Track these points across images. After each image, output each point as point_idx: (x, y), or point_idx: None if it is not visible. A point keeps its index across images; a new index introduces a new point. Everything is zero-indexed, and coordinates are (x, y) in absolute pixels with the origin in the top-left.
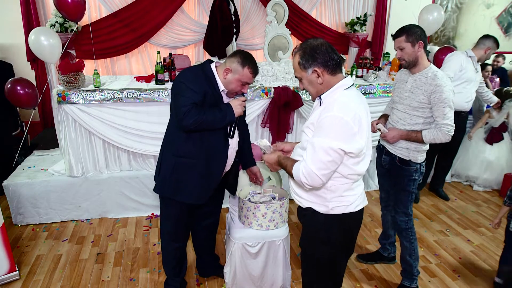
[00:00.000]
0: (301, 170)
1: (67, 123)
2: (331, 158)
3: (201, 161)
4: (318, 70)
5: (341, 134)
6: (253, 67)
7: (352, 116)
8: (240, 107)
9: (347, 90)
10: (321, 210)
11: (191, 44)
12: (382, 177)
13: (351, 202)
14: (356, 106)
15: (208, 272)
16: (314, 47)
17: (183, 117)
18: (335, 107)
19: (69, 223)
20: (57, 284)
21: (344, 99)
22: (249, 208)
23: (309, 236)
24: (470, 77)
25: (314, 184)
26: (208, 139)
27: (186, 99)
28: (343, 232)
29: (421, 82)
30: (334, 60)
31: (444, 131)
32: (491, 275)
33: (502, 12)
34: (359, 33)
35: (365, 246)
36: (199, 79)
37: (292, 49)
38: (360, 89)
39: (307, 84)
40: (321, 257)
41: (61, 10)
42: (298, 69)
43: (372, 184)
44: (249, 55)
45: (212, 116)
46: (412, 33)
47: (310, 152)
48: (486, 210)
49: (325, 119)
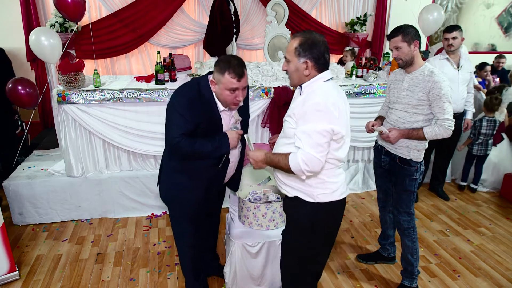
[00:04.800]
0: (300, 158)
1: (67, 123)
2: (326, 139)
3: (200, 180)
4: (309, 63)
5: (326, 117)
6: (233, 71)
7: (332, 102)
8: (236, 140)
9: (326, 82)
10: (308, 199)
11: (191, 44)
12: (380, 177)
13: (334, 189)
14: (335, 96)
15: (208, 272)
16: (315, 42)
17: (173, 149)
18: (317, 95)
19: (69, 223)
20: (57, 284)
21: (323, 88)
22: (249, 208)
23: (294, 225)
24: (450, 78)
25: (315, 168)
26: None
27: (177, 128)
28: (327, 220)
29: (418, 80)
30: (326, 60)
31: (445, 126)
32: (491, 275)
33: (502, 12)
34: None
35: (365, 246)
36: (194, 105)
37: (291, 33)
38: (360, 89)
39: (293, 69)
40: (302, 246)
41: (61, 10)
42: (291, 53)
43: (372, 184)
44: (229, 59)
45: (205, 148)
46: (408, 32)
47: (306, 139)
48: (486, 210)
49: (309, 107)
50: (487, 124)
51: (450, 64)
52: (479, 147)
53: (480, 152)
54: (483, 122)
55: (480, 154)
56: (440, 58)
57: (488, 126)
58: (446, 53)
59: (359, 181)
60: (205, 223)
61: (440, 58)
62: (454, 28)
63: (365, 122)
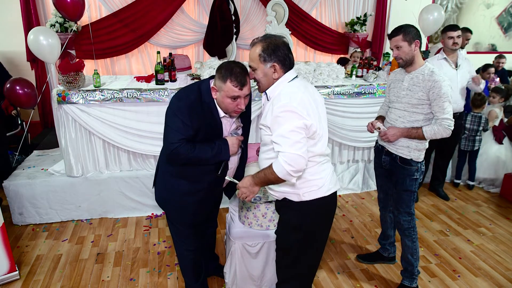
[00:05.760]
0: (282, 160)
1: (67, 123)
2: (302, 135)
3: (198, 186)
4: (277, 66)
5: (295, 115)
6: (235, 79)
7: (298, 102)
8: (236, 146)
9: (290, 82)
10: (295, 199)
11: (191, 44)
12: (381, 177)
13: (320, 186)
14: (300, 94)
15: (208, 272)
16: (277, 44)
17: (171, 154)
18: (281, 98)
19: (69, 223)
20: (57, 284)
21: (287, 90)
22: (249, 208)
23: (283, 224)
24: (449, 78)
25: (299, 166)
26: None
27: (176, 133)
28: (316, 217)
29: (418, 80)
30: (291, 60)
31: (444, 125)
32: (491, 275)
33: (502, 12)
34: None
35: (365, 246)
36: (194, 110)
37: (252, 40)
38: (360, 89)
39: (261, 76)
40: (293, 244)
41: (60, 10)
42: (256, 60)
43: (372, 184)
44: (231, 65)
45: (204, 154)
46: (409, 32)
47: (282, 141)
48: (486, 210)
49: (277, 109)
50: (471, 119)
51: (449, 64)
52: (466, 142)
53: (468, 148)
54: (468, 117)
55: (467, 149)
56: (438, 58)
57: (473, 122)
58: (445, 53)
59: (359, 181)
60: (203, 227)
61: (438, 58)
62: (459, 27)
63: (365, 122)
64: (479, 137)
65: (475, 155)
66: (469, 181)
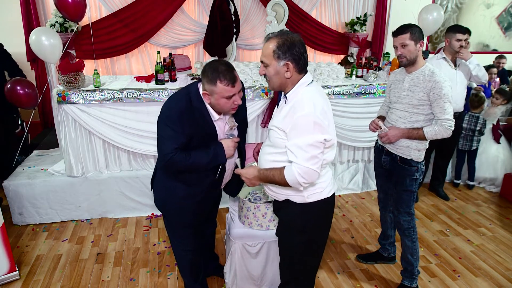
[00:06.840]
0: (296, 172)
1: (67, 123)
2: (320, 150)
3: (195, 189)
4: (290, 65)
5: (318, 128)
6: (224, 78)
7: (320, 111)
8: (232, 149)
9: (308, 86)
10: (298, 200)
11: (191, 44)
12: (381, 177)
13: (323, 188)
14: (321, 101)
15: (208, 272)
16: (294, 42)
17: (166, 165)
18: (305, 106)
19: (69, 223)
20: (57, 284)
21: (309, 95)
22: (249, 208)
23: (285, 226)
24: (448, 77)
25: (312, 180)
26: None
27: (170, 143)
28: (318, 218)
29: (419, 80)
30: (305, 60)
31: (445, 126)
32: (491, 275)
33: (502, 12)
34: (359, 33)
35: (365, 246)
36: (186, 117)
37: (267, 34)
38: (360, 89)
39: (272, 73)
40: (295, 245)
41: (62, 10)
42: (269, 56)
43: (372, 184)
44: (216, 65)
45: (200, 160)
46: (415, 31)
47: (300, 153)
48: (486, 210)
49: (299, 119)
50: (469, 119)
51: (448, 64)
52: (463, 141)
53: (465, 147)
54: (465, 117)
55: (465, 149)
56: (438, 58)
57: (470, 122)
58: (444, 53)
59: (359, 181)
60: (202, 227)
61: (438, 58)
62: (468, 30)
63: (365, 122)
64: (477, 137)
65: (473, 155)
66: (468, 181)
